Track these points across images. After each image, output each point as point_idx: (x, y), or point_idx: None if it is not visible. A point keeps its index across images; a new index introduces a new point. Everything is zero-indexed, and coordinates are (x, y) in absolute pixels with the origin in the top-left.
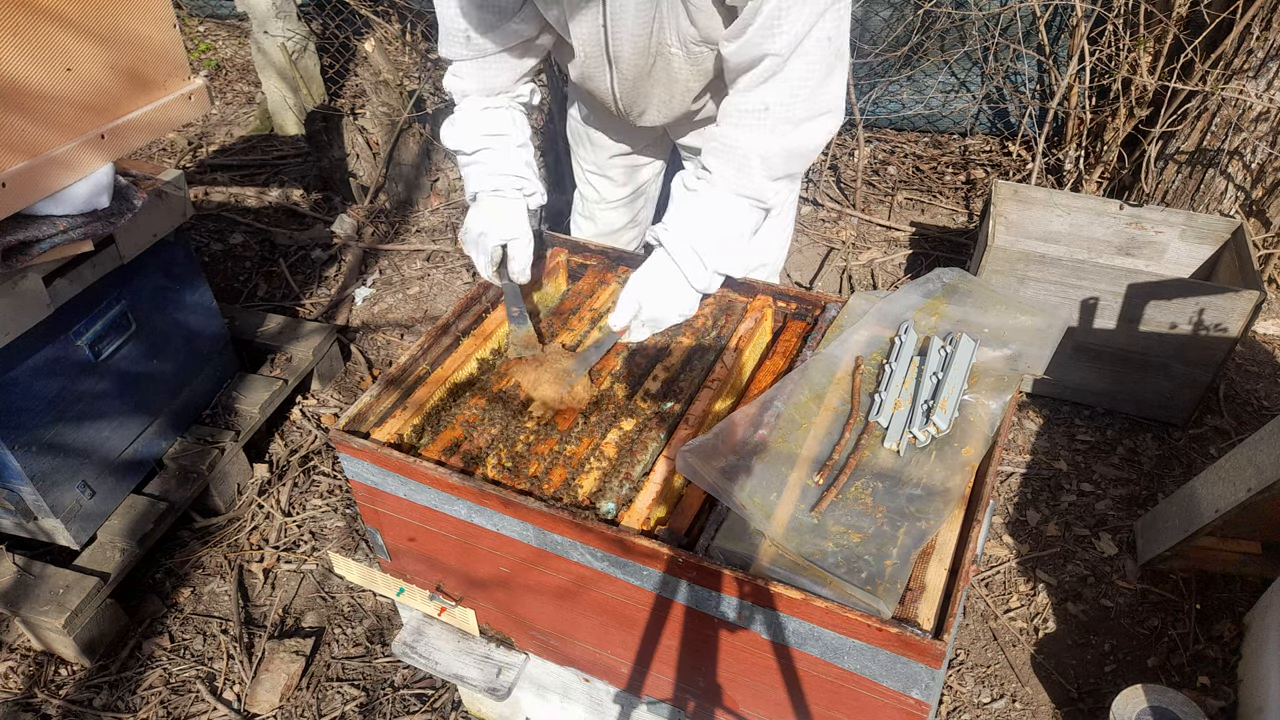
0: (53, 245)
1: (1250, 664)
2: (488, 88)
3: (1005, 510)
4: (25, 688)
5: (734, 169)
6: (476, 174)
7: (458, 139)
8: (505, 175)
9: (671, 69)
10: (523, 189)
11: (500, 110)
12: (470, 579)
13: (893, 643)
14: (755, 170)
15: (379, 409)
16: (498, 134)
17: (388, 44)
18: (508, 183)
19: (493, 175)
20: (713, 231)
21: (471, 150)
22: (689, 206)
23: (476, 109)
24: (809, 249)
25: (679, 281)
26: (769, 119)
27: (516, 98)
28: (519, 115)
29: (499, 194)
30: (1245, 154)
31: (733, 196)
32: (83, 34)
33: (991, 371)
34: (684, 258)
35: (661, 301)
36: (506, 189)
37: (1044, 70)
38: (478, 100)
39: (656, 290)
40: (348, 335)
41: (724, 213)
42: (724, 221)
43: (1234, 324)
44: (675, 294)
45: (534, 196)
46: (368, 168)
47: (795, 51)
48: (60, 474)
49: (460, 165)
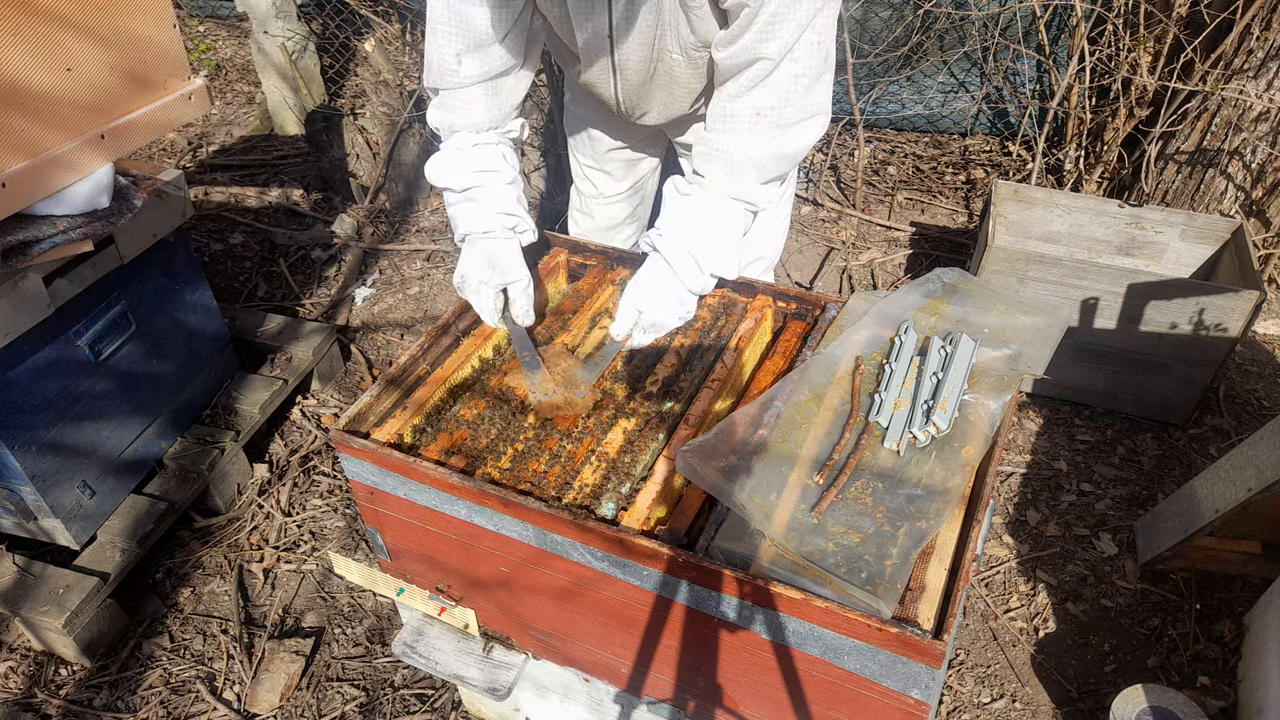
0: (53, 245)
1: (1250, 664)
2: (477, 121)
3: (1005, 510)
4: (25, 688)
5: (726, 173)
6: (466, 213)
7: (446, 176)
8: (497, 214)
9: (673, 73)
10: (515, 227)
11: (490, 146)
12: (470, 579)
13: (893, 643)
14: (748, 174)
15: (379, 409)
16: (488, 170)
17: (388, 44)
18: (499, 222)
19: (484, 215)
20: (707, 235)
21: (461, 188)
22: (682, 211)
23: (466, 145)
24: (809, 249)
25: (676, 286)
26: (760, 124)
27: (506, 133)
28: (509, 151)
29: (491, 235)
30: (1245, 154)
31: (725, 200)
32: (83, 34)
33: (991, 371)
34: (679, 262)
35: (660, 307)
36: (498, 229)
37: (1044, 70)
38: (467, 136)
39: (654, 296)
40: (348, 335)
41: (717, 216)
42: (717, 225)
43: (1234, 324)
44: (673, 299)
45: (526, 234)
46: (368, 168)
47: (787, 56)
48: (60, 474)
49: (448, 204)
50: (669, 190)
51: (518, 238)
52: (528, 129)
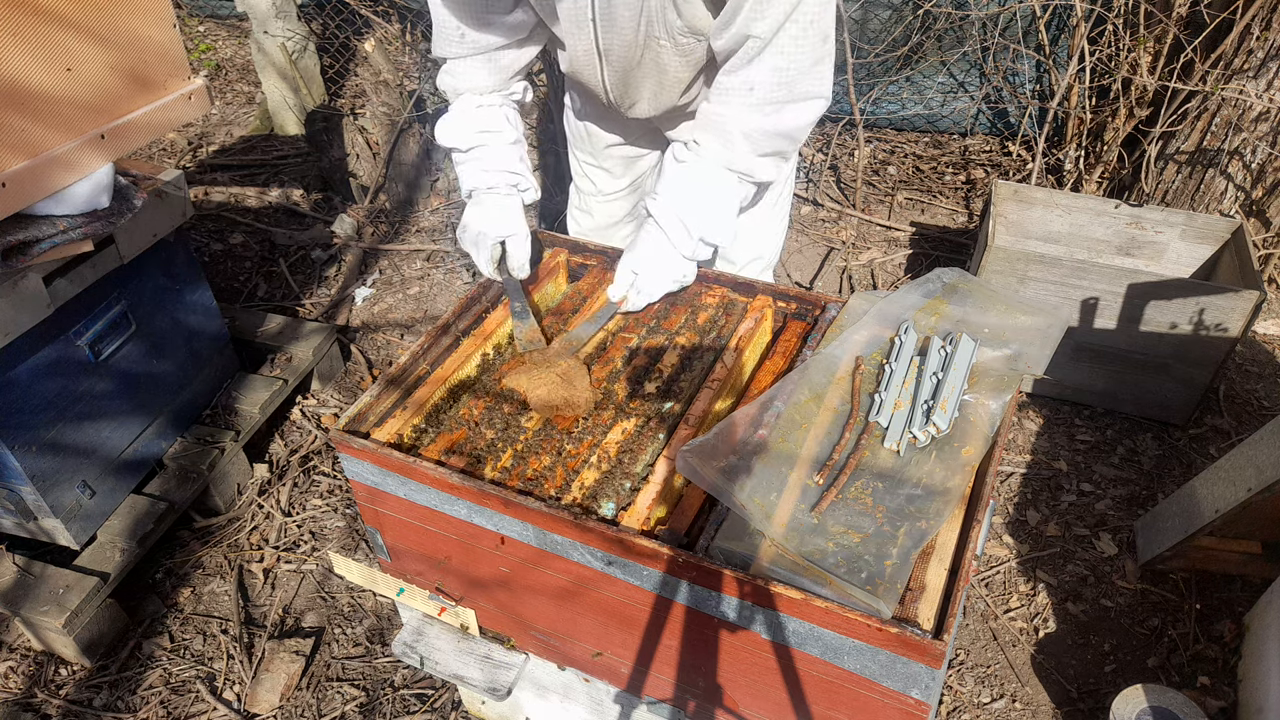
0: (53, 245)
1: (1250, 664)
2: (481, 85)
3: (1005, 510)
4: (25, 688)
5: (720, 142)
6: (471, 171)
7: (452, 136)
8: (500, 172)
9: (660, 60)
10: (517, 184)
11: (494, 108)
12: (470, 579)
13: (893, 643)
14: (739, 144)
15: (379, 409)
16: (491, 130)
17: (388, 44)
18: (502, 179)
19: (487, 172)
20: (698, 201)
21: (466, 147)
22: (677, 177)
23: (470, 106)
24: (809, 249)
25: (668, 250)
26: (752, 98)
27: (510, 95)
28: (512, 112)
29: (494, 191)
30: (1245, 154)
31: (720, 169)
32: (83, 34)
33: (991, 371)
34: (670, 226)
35: (654, 270)
36: (501, 185)
37: (1044, 70)
38: (471, 98)
39: (648, 259)
40: (348, 335)
41: (710, 184)
42: (710, 192)
43: (1234, 324)
44: (666, 262)
45: (528, 192)
46: (368, 168)
47: (779, 33)
48: (60, 474)
49: (455, 163)
50: (668, 158)
51: (520, 195)
52: (530, 92)
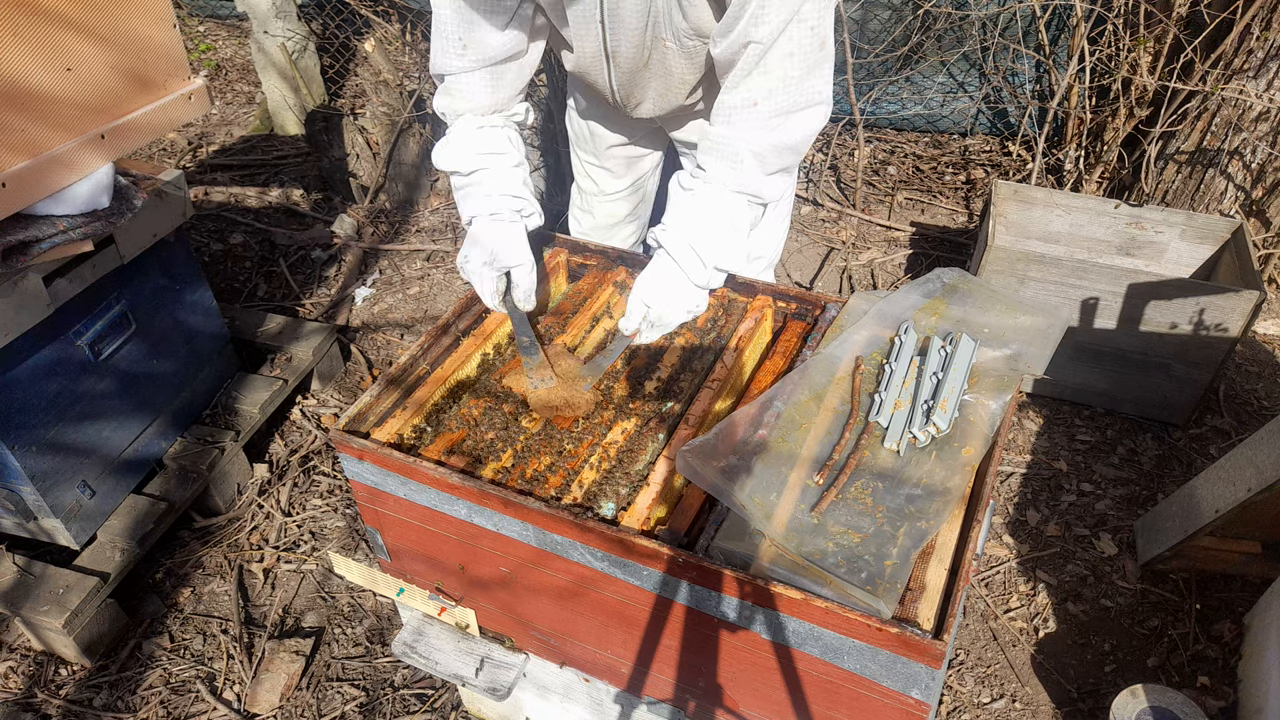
0: (53, 245)
1: (1250, 664)
2: (482, 104)
3: (1005, 510)
4: (25, 688)
5: (728, 166)
6: (473, 196)
7: (452, 160)
8: (503, 196)
9: (667, 62)
10: (521, 210)
11: (496, 129)
12: (470, 579)
13: (893, 643)
14: (749, 166)
15: (379, 409)
16: (494, 153)
17: (388, 44)
18: (506, 204)
19: (490, 197)
20: (710, 229)
21: (468, 170)
22: (686, 206)
23: (471, 128)
24: (809, 249)
25: (681, 281)
26: (758, 114)
27: (511, 116)
28: (514, 134)
29: (497, 218)
30: (1245, 154)
31: (729, 193)
32: (83, 34)
33: (991, 371)
34: (683, 257)
35: (667, 301)
36: (505, 212)
37: (1044, 70)
38: (472, 119)
39: (661, 291)
40: (348, 335)
41: (721, 210)
42: (721, 219)
43: (1234, 324)
44: (679, 293)
45: (532, 218)
46: (368, 168)
47: (778, 40)
48: (60, 474)
49: (455, 188)
50: (673, 186)
51: (523, 221)
52: (532, 114)
